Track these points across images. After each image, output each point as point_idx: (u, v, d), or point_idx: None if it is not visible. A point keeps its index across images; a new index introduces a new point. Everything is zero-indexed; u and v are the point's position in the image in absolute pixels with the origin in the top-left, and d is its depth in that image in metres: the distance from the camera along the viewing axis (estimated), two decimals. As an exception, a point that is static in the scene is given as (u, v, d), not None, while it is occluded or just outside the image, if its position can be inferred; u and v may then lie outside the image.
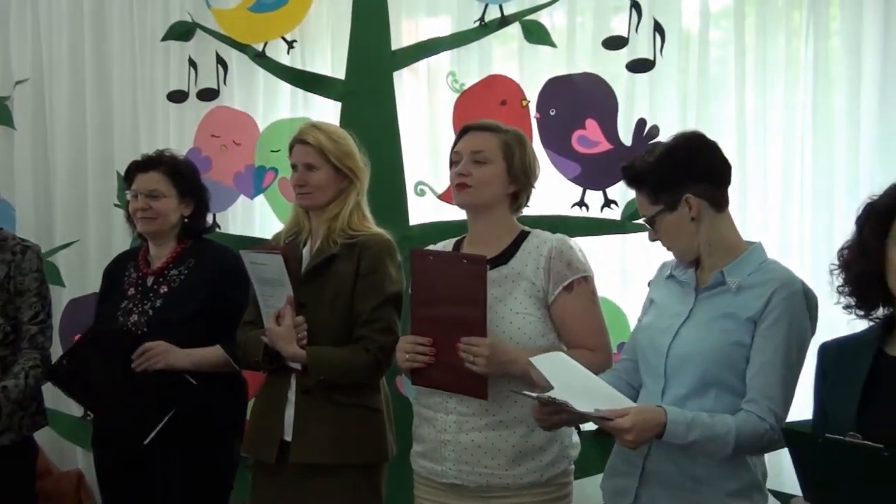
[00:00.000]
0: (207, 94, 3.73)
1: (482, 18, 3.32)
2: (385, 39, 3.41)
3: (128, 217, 2.89)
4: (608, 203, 3.14)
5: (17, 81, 4.04)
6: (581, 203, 3.17)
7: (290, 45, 3.62)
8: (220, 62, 3.71)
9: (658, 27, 3.11)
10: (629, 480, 2.04)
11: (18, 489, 2.82)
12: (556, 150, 3.14)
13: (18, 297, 2.79)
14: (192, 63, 3.75)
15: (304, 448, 2.43)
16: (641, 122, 3.09)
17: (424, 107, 3.47)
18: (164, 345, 2.64)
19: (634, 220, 3.07)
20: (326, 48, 3.63)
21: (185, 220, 2.84)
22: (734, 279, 1.97)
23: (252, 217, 3.71)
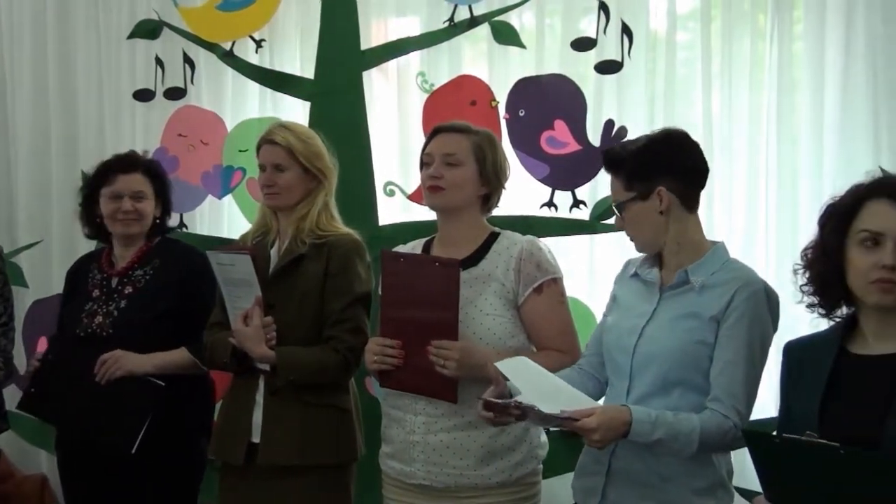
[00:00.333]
0: (174, 93, 3.70)
1: (451, 19, 3.32)
2: (354, 39, 3.40)
3: (87, 217, 2.84)
4: (577, 203, 3.16)
5: (-22, 80, 4.00)
6: (550, 203, 3.18)
7: (259, 45, 3.60)
8: (188, 61, 3.68)
9: (626, 29, 3.14)
10: (597, 479, 2.06)
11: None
12: (526, 151, 3.16)
13: (-19, 299, 2.75)
14: (159, 61, 3.72)
15: (273, 449, 2.42)
16: (609, 123, 3.11)
17: (394, 107, 3.47)
18: (120, 352, 2.61)
19: (603, 221, 3.10)
20: (295, 47, 3.62)
21: (157, 221, 2.82)
22: (698, 278, 1.99)
23: (220, 217, 3.69)
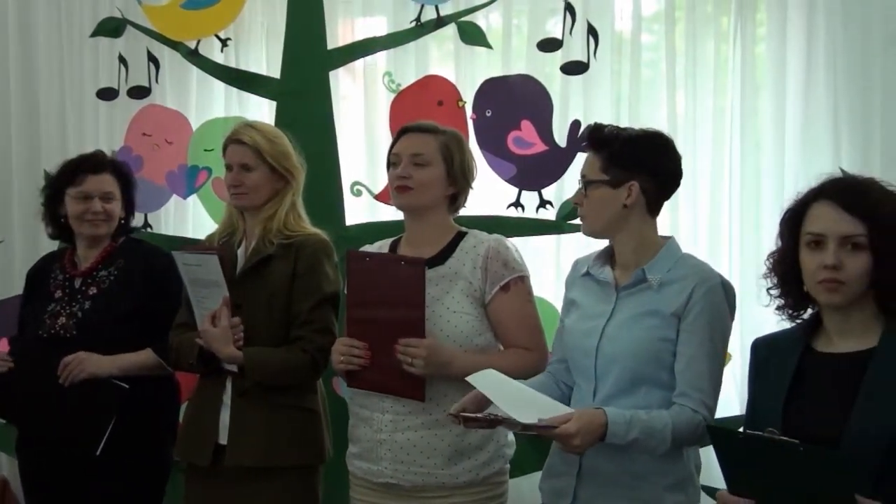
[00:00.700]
0: (138, 92, 3.66)
1: (418, 19, 3.32)
2: (321, 38, 3.39)
3: (51, 217, 2.81)
4: (543, 204, 3.17)
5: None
6: (517, 203, 3.19)
7: (224, 43, 3.57)
8: (152, 59, 3.65)
9: (591, 30, 3.16)
10: (567, 480, 2.06)
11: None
12: (492, 151, 3.16)
13: (-59, 299, 2.71)
14: (123, 60, 3.68)
15: (240, 451, 2.41)
16: (576, 124, 3.12)
17: (360, 107, 3.46)
18: (84, 354, 2.59)
19: (570, 221, 3.11)
20: (261, 47, 3.61)
21: (122, 222, 2.80)
22: (655, 276, 2.01)
23: (185, 217, 3.66)
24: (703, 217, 3.12)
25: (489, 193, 3.11)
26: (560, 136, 3.15)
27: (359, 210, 3.39)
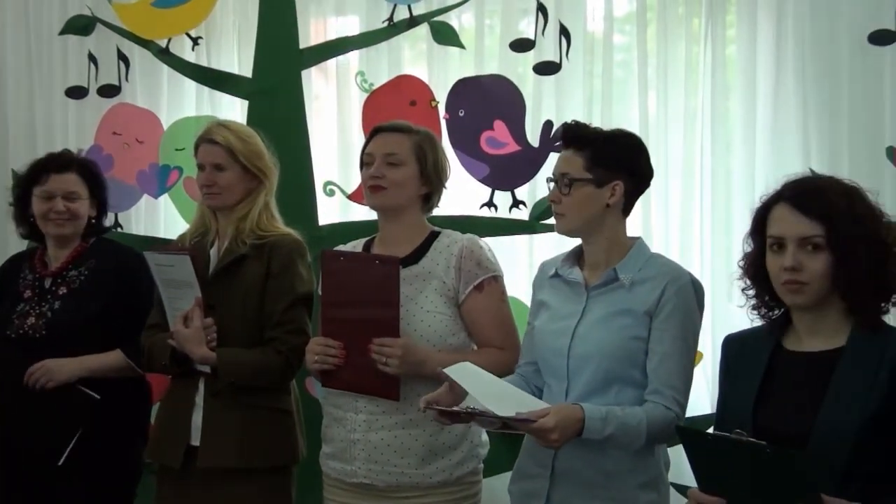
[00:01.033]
0: (108, 91, 3.63)
1: (391, 18, 3.32)
2: (293, 38, 3.38)
3: (20, 217, 2.78)
4: (516, 203, 3.18)
5: None
6: (490, 203, 3.20)
7: (195, 42, 3.55)
8: (122, 58, 3.62)
9: (564, 31, 3.18)
10: (540, 482, 2.05)
11: None
12: (465, 151, 3.17)
13: None
14: (93, 58, 3.65)
15: (213, 452, 2.39)
16: (548, 124, 3.13)
17: (333, 106, 3.45)
18: (50, 363, 2.57)
19: (543, 221, 3.13)
20: (233, 45, 3.59)
21: (92, 221, 2.78)
22: (627, 275, 2.02)
23: (156, 217, 3.64)
24: (675, 216, 3.14)
25: (462, 193, 3.12)
26: (533, 137, 3.16)
27: (332, 210, 3.38)
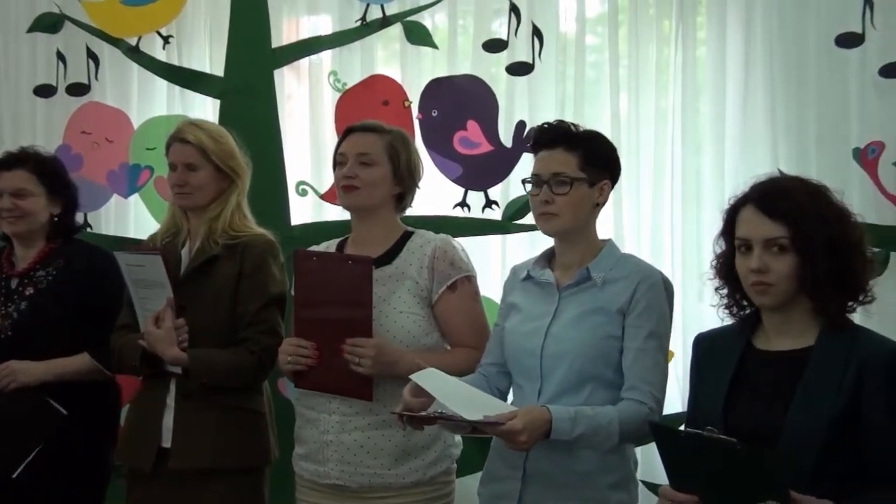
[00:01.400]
0: (78, 89, 3.61)
1: (364, 18, 3.32)
2: (265, 37, 3.37)
3: None
4: (489, 204, 3.19)
5: None
6: (463, 203, 3.20)
7: (166, 41, 3.53)
8: (91, 56, 3.59)
9: (536, 31, 3.18)
10: (511, 483, 2.05)
11: None
12: (439, 151, 3.17)
13: None
14: (61, 56, 3.62)
15: (184, 454, 2.38)
16: (521, 124, 3.15)
17: (306, 106, 3.44)
18: (14, 364, 2.54)
19: (515, 221, 3.14)
20: (204, 44, 3.57)
21: (55, 220, 2.74)
22: (599, 274, 2.04)
23: (126, 217, 3.61)
24: (646, 216, 3.16)
25: (435, 193, 3.13)
26: (506, 137, 3.17)
27: (304, 210, 3.37)
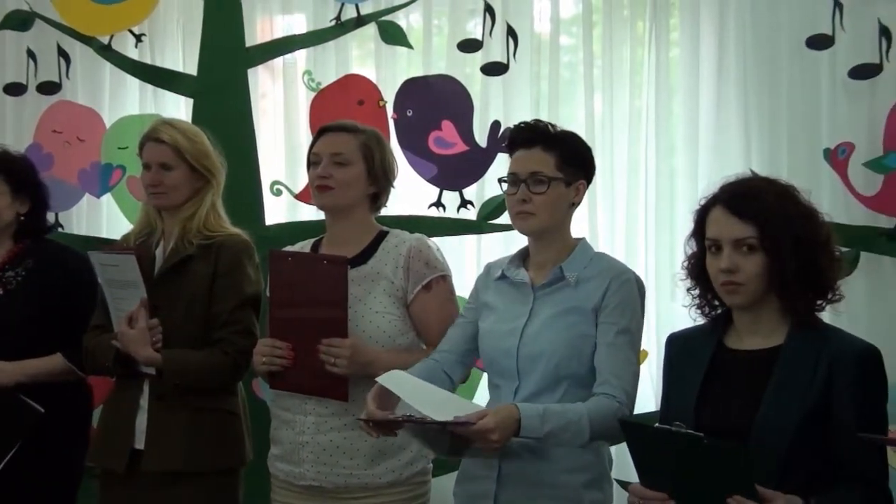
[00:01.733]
0: (48, 88, 3.57)
1: (338, 17, 3.31)
2: (239, 35, 3.35)
3: None
4: (464, 203, 3.19)
5: None
6: (438, 203, 3.21)
7: (139, 39, 3.50)
8: (62, 54, 3.55)
9: (511, 32, 3.19)
10: (487, 483, 2.05)
11: None
12: (413, 151, 3.18)
13: None
14: (31, 54, 3.57)
15: (158, 456, 2.36)
16: (496, 124, 3.16)
17: (280, 105, 3.43)
18: None
19: (490, 221, 3.14)
20: (177, 43, 3.54)
21: (22, 219, 2.70)
22: (572, 273, 2.05)
23: (98, 217, 3.57)
24: (620, 215, 3.18)
25: (411, 193, 3.13)
26: (480, 137, 3.17)
27: (279, 210, 3.36)
